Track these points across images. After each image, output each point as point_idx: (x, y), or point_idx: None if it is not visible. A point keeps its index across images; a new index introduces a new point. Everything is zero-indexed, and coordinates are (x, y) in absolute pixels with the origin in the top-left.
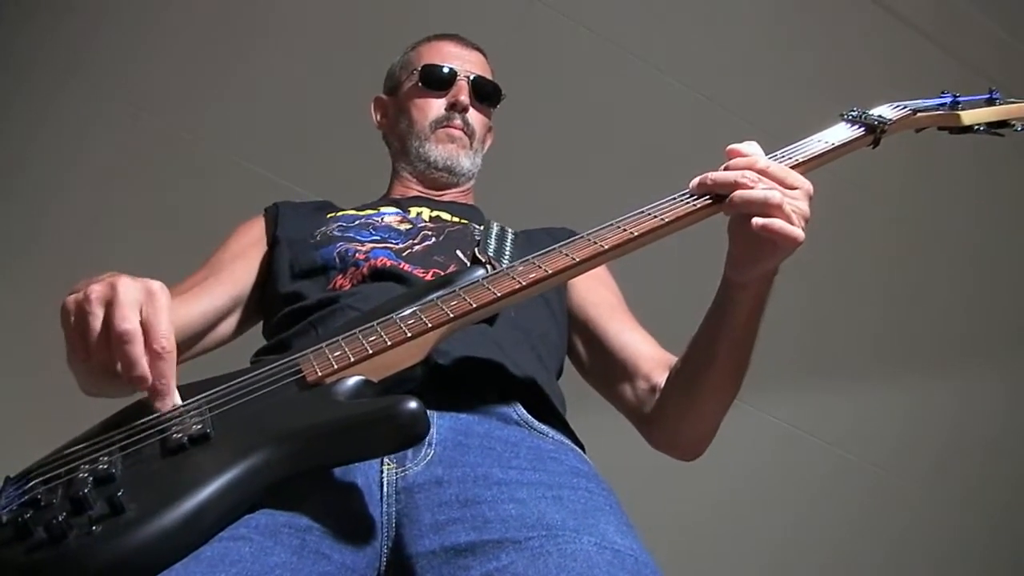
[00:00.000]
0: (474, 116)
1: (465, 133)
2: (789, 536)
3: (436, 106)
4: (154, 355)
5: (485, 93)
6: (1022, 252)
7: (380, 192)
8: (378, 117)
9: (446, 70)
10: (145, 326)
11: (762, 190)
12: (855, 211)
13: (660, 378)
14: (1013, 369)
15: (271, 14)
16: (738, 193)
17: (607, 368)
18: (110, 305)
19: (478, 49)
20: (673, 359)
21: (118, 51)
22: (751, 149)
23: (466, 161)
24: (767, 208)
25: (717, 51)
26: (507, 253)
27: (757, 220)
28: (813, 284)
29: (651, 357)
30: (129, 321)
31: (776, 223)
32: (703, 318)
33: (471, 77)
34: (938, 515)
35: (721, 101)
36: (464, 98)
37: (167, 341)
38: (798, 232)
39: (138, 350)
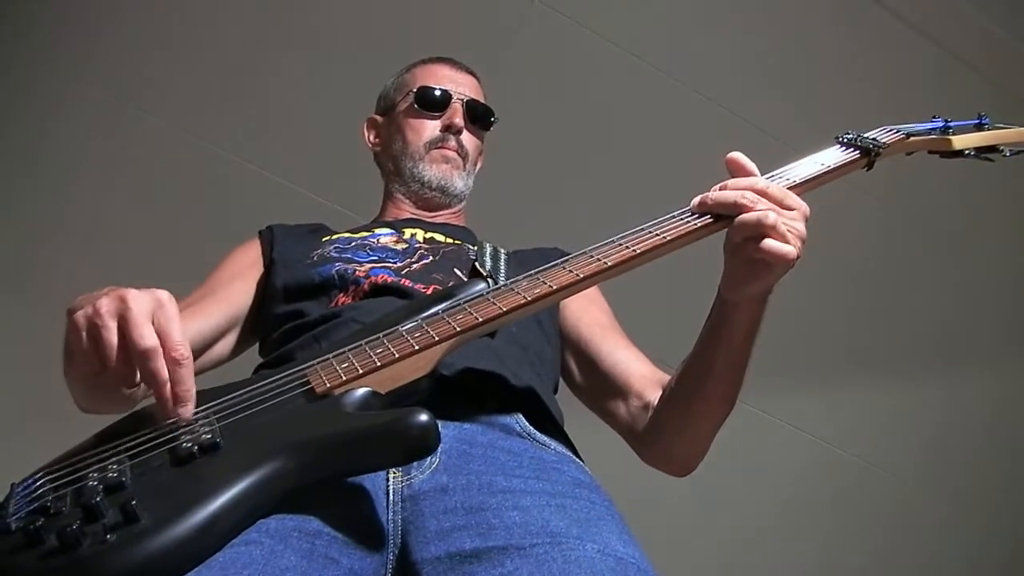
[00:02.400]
0: (467, 138)
1: (459, 154)
2: (786, 534)
3: (431, 127)
4: (172, 363)
5: (478, 115)
6: (1012, 252)
7: (379, 194)
8: (371, 137)
9: (440, 92)
10: (159, 336)
11: (757, 211)
12: (852, 211)
13: (653, 396)
14: (1004, 367)
15: (273, 15)
16: (737, 217)
17: (600, 386)
18: (123, 319)
19: (471, 73)
20: (666, 377)
21: (120, 53)
22: (751, 165)
23: (459, 182)
24: (762, 228)
25: (718, 51)
26: (502, 271)
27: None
28: (809, 284)
29: (644, 375)
30: (149, 337)
31: (769, 243)
32: (697, 337)
33: (465, 99)
34: (933, 512)
35: (721, 101)
36: (459, 120)
37: (184, 348)
38: (790, 250)
39: (161, 364)
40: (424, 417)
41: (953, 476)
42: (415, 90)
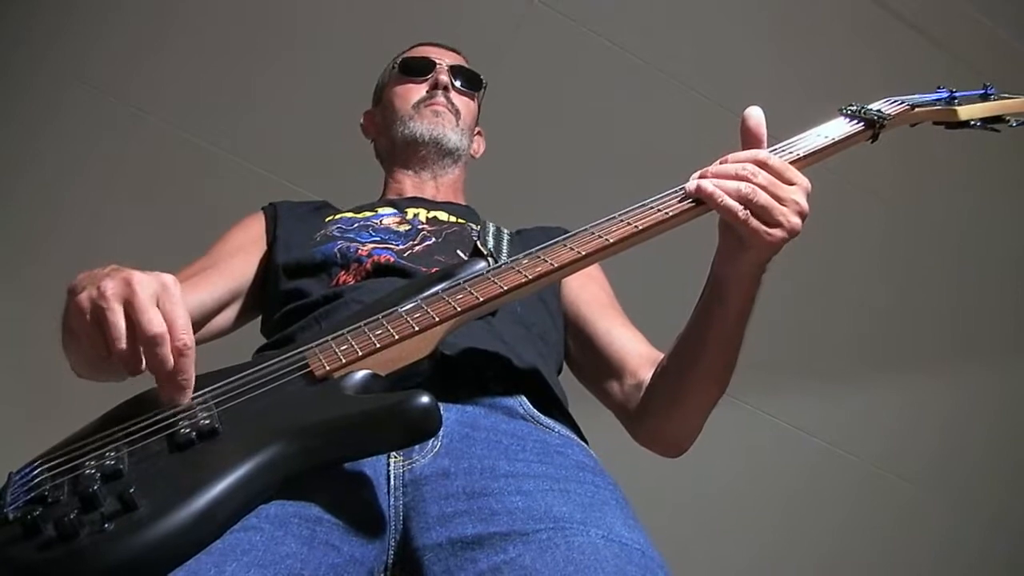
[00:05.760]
0: (457, 98)
1: (449, 110)
2: (787, 533)
3: (417, 90)
4: (175, 352)
5: (465, 77)
6: (1018, 250)
7: (378, 192)
8: (368, 128)
9: (423, 58)
10: (165, 321)
11: (743, 191)
12: (855, 208)
13: (647, 375)
14: (1010, 366)
15: (271, 16)
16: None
17: (596, 364)
18: (130, 303)
19: (455, 50)
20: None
21: (120, 53)
22: (763, 129)
23: (453, 135)
24: (736, 215)
25: (718, 51)
26: (504, 251)
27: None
28: (809, 283)
29: (639, 354)
30: (157, 324)
31: (755, 224)
32: (691, 315)
33: (448, 64)
34: (938, 514)
35: (721, 101)
36: (444, 77)
37: (188, 337)
38: (776, 234)
39: (168, 351)
40: (425, 399)
41: (958, 477)
42: (398, 62)
